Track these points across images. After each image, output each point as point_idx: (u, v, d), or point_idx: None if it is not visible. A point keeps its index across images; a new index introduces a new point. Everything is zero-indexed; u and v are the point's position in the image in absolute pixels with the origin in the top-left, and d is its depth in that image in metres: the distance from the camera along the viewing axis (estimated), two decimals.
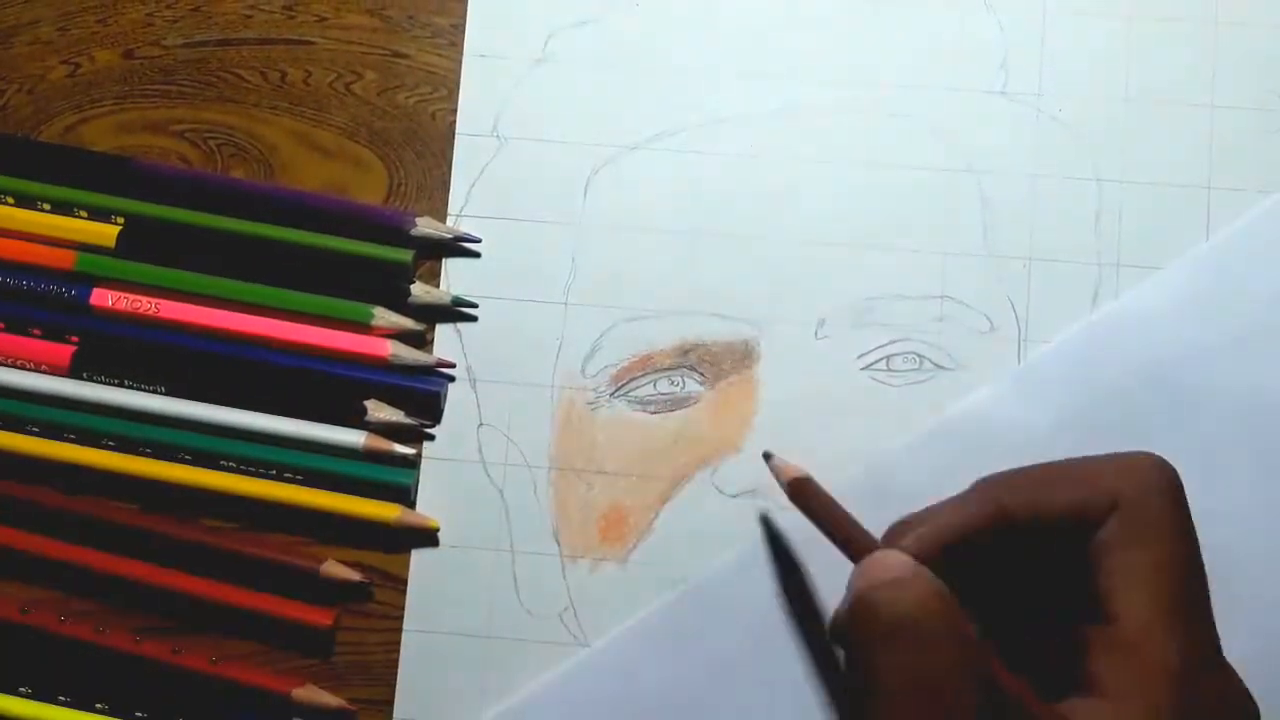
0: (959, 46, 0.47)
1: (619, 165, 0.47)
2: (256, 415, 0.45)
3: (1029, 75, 0.47)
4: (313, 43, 0.48)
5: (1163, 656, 0.31)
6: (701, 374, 0.45)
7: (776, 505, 0.44)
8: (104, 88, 0.49)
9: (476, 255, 0.47)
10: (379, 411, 0.45)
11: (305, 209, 0.47)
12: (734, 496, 0.44)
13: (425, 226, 0.46)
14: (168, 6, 0.49)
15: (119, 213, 0.47)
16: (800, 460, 0.43)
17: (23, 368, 0.46)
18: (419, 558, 0.45)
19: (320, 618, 0.44)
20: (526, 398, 0.46)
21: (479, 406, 0.46)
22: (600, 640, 0.44)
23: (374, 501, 0.44)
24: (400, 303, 0.46)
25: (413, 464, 0.45)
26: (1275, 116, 0.46)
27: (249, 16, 0.49)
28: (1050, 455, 0.38)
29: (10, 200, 0.48)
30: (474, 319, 0.46)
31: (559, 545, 0.45)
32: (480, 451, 0.45)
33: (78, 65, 0.49)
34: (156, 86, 0.49)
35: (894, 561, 0.34)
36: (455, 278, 0.46)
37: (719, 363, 0.45)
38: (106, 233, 0.47)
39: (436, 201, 0.47)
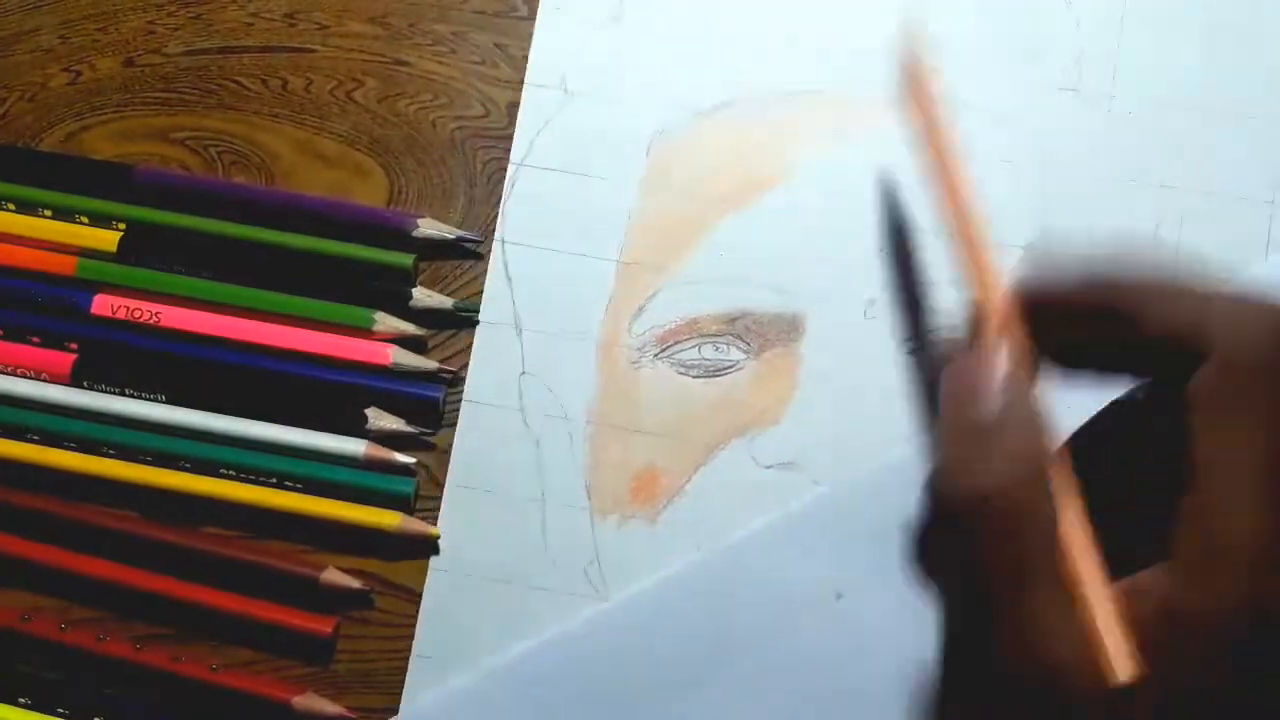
0: (1033, 40, 0.47)
1: (684, 129, 0.47)
2: (256, 424, 0.45)
3: (1102, 75, 0.46)
4: (314, 50, 0.48)
5: (1239, 536, 0.27)
6: (747, 343, 0.45)
7: (811, 481, 0.44)
8: (105, 96, 0.49)
9: (479, 256, 0.47)
10: (380, 420, 0.45)
11: (306, 212, 0.47)
12: (769, 468, 0.44)
13: (427, 227, 0.46)
14: (169, 15, 0.49)
15: (120, 218, 0.47)
16: (841, 437, 0.43)
17: (23, 376, 0.46)
18: (451, 498, 0.45)
19: (320, 626, 0.44)
20: (571, 350, 0.46)
21: (523, 355, 0.46)
22: (620, 595, 0.44)
23: (375, 509, 0.44)
24: (402, 307, 0.46)
25: (413, 472, 0.45)
26: None
27: (250, 24, 0.49)
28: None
29: (11, 207, 0.48)
30: (475, 322, 0.46)
31: (590, 500, 0.45)
32: (520, 399, 0.45)
33: (79, 73, 0.49)
34: (157, 94, 0.49)
35: (991, 394, 0.30)
36: (511, 228, 0.46)
37: (765, 333, 0.45)
38: (107, 238, 0.47)
39: (438, 209, 0.47)
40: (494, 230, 0.47)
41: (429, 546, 0.45)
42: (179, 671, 0.44)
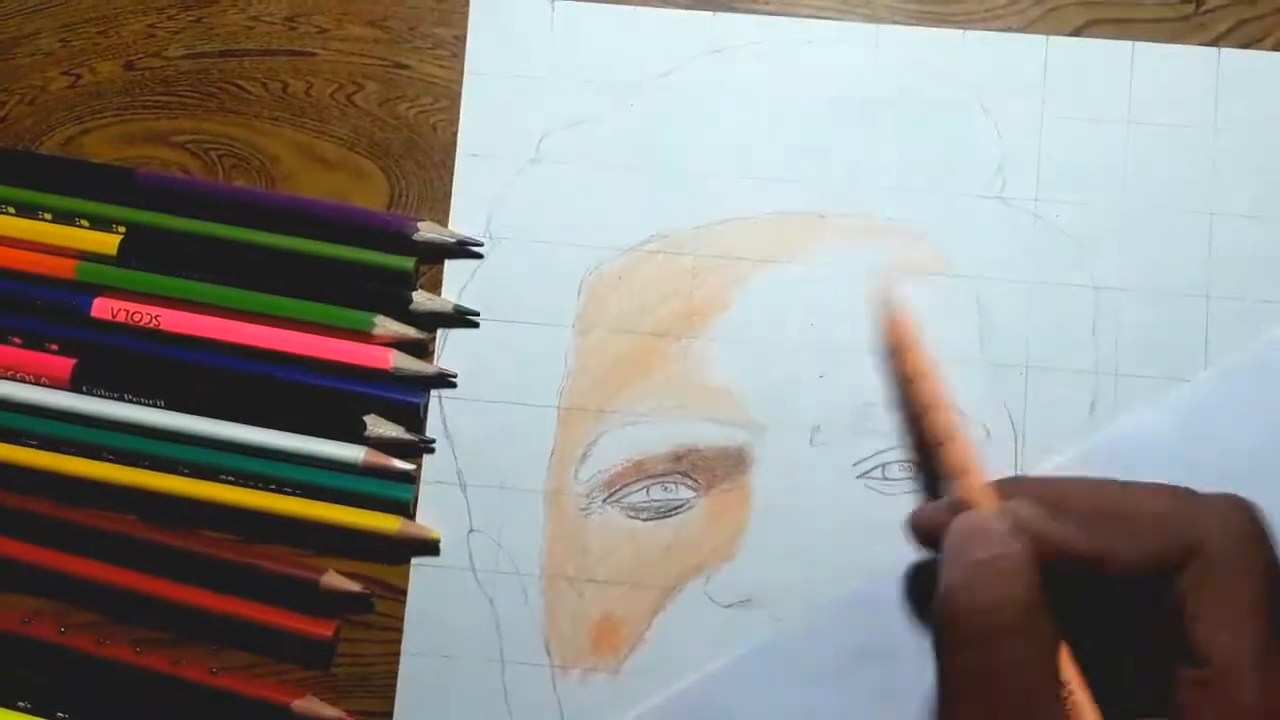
0: (956, 150, 0.46)
1: (614, 266, 0.46)
2: (256, 430, 0.45)
3: (1026, 180, 0.46)
4: (314, 54, 0.48)
5: (1253, 700, 0.31)
6: (695, 480, 0.45)
7: (771, 617, 0.43)
8: (105, 99, 0.49)
9: (481, 257, 0.46)
10: (378, 427, 0.45)
11: (306, 216, 0.47)
12: (727, 607, 0.44)
13: (428, 231, 0.46)
14: (169, 18, 0.49)
15: (120, 222, 0.47)
16: (797, 569, 0.43)
17: (23, 380, 0.46)
18: (408, 666, 0.44)
19: (320, 629, 0.44)
20: (517, 503, 0.45)
21: (469, 511, 0.45)
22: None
23: (375, 514, 0.44)
24: (402, 310, 0.46)
25: (412, 479, 0.45)
26: (1274, 225, 0.45)
27: (250, 28, 0.49)
28: None
29: (11, 210, 0.48)
30: (476, 325, 0.46)
31: (549, 655, 0.44)
32: (470, 558, 0.45)
33: (79, 76, 0.49)
34: (158, 98, 0.49)
35: (998, 538, 0.35)
36: (447, 387, 0.46)
37: (713, 469, 0.45)
38: (108, 241, 0.47)
39: (438, 212, 0.47)
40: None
41: (430, 549, 0.45)
42: (178, 675, 0.44)
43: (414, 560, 0.45)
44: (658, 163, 0.47)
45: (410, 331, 0.45)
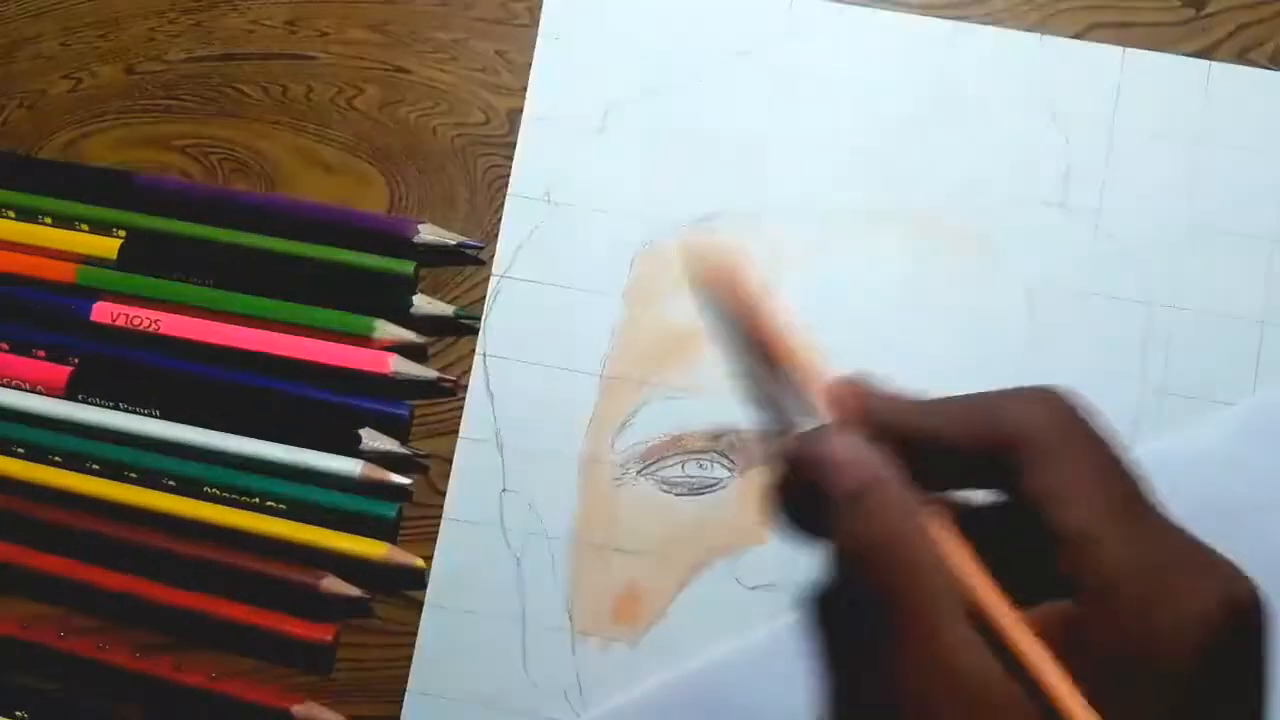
0: (1022, 155, 0.46)
1: (667, 242, 0.46)
2: (249, 441, 0.45)
3: (1090, 191, 0.45)
4: (314, 58, 0.48)
5: (1121, 556, 0.30)
6: (731, 461, 0.44)
7: (795, 603, 0.43)
8: (106, 103, 0.49)
9: (481, 262, 0.46)
10: (374, 440, 0.45)
11: (306, 219, 0.47)
12: (753, 589, 0.44)
13: (428, 233, 0.46)
14: (170, 22, 0.49)
15: (120, 226, 0.47)
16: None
17: (19, 388, 0.46)
18: (430, 618, 0.44)
19: (320, 634, 0.44)
20: (552, 467, 0.45)
21: (504, 471, 0.45)
22: (594, 713, 0.43)
23: (362, 539, 0.44)
24: (403, 314, 0.46)
25: (403, 495, 0.45)
26: None
27: (251, 32, 0.49)
28: None
29: (11, 214, 0.48)
30: (476, 330, 0.46)
31: (571, 620, 0.44)
32: (501, 517, 0.45)
33: (79, 80, 0.49)
34: (158, 101, 0.49)
35: (859, 457, 0.32)
36: (493, 341, 0.46)
37: (750, 451, 0.44)
38: (108, 245, 0.47)
39: (438, 216, 0.47)
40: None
41: (415, 577, 0.44)
42: (179, 680, 0.44)
43: (445, 515, 0.45)
44: (722, 142, 0.47)
45: (410, 335, 0.45)
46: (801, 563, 0.42)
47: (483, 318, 0.46)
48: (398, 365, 0.45)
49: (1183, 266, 0.45)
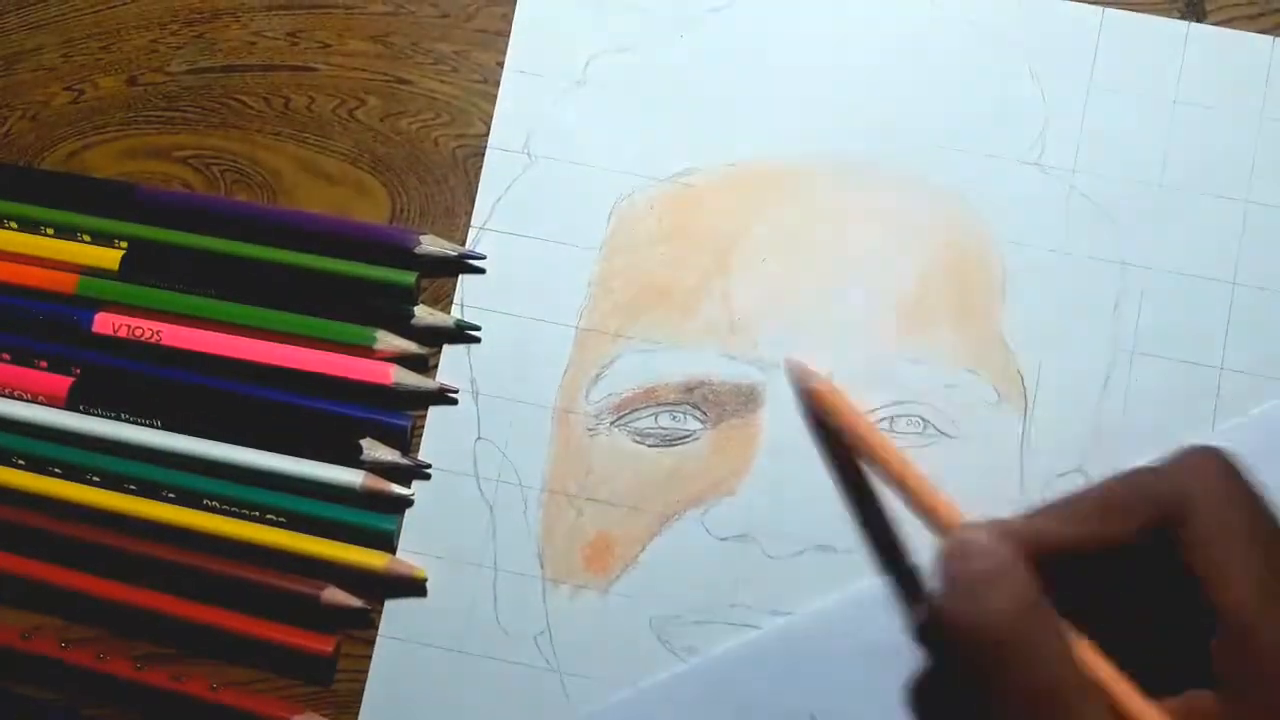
0: (999, 112, 0.46)
1: (647, 195, 0.47)
2: (250, 451, 0.45)
3: (1066, 149, 0.46)
4: (316, 69, 0.48)
5: (1273, 640, 0.30)
6: (704, 413, 0.45)
7: (764, 554, 0.43)
8: (107, 114, 0.49)
9: (483, 271, 0.47)
10: (374, 450, 0.45)
11: (308, 230, 0.47)
12: (723, 540, 0.44)
13: (430, 244, 0.46)
14: (171, 33, 0.49)
15: (122, 237, 0.47)
16: (796, 512, 0.43)
17: (20, 398, 0.46)
18: (404, 562, 0.44)
19: (321, 645, 0.44)
20: (527, 416, 0.45)
21: (479, 420, 0.45)
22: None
23: (363, 549, 0.44)
24: (404, 325, 0.46)
25: (404, 506, 0.45)
26: None
27: (252, 43, 0.49)
28: None
29: (13, 225, 0.48)
30: (477, 340, 0.46)
31: (542, 568, 0.44)
32: (475, 465, 0.45)
33: (81, 92, 0.49)
34: (160, 113, 0.49)
35: (985, 547, 0.33)
36: (469, 291, 0.46)
37: (723, 404, 0.45)
38: (109, 256, 0.47)
39: (439, 227, 0.47)
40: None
41: (416, 587, 0.45)
42: (179, 690, 0.44)
43: (419, 461, 0.45)
44: (701, 97, 0.47)
45: (411, 346, 0.46)
46: (769, 515, 0.43)
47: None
48: (399, 376, 0.45)
49: (1156, 227, 0.45)
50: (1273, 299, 0.45)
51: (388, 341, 0.45)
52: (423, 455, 0.45)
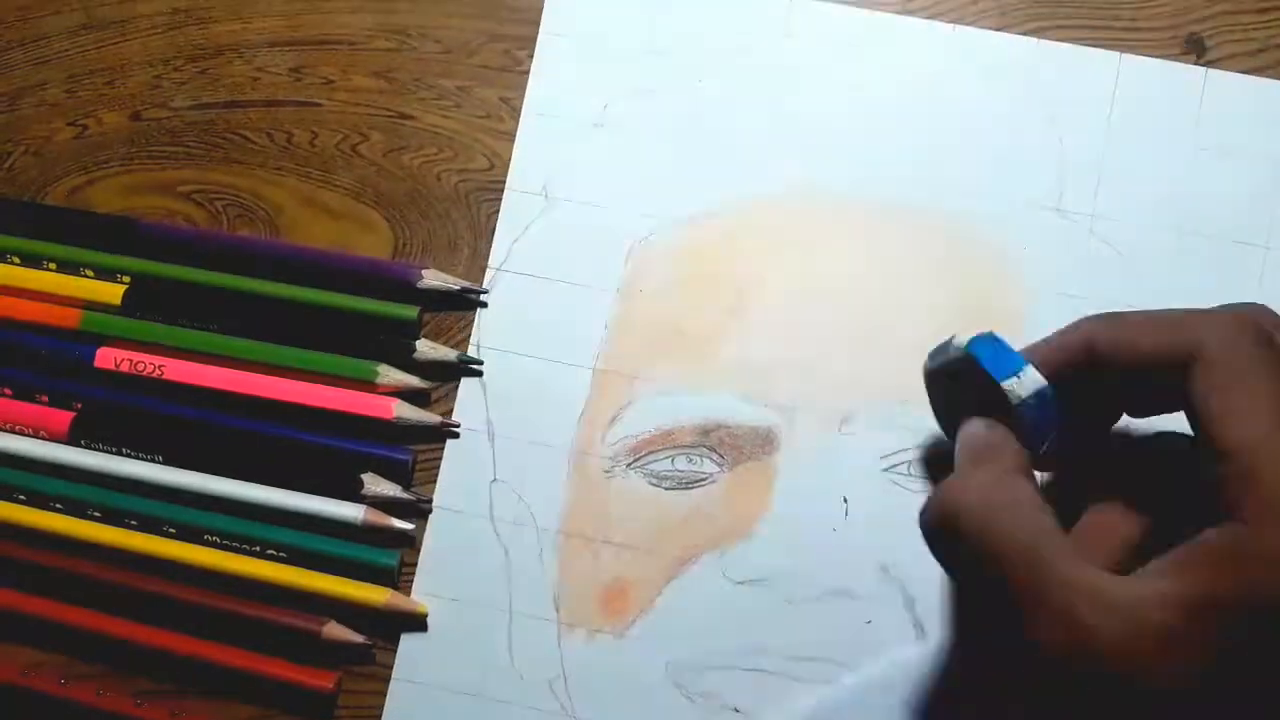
0: (1016, 156, 0.46)
1: (664, 237, 0.47)
2: (250, 486, 0.45)
3: (1085, 194, 0.46)
4: (319, 105, 0.49)
5: (1272, 477, 0.30)
6: (720, 456, 0.45)
7: (783, 599, 0.43)
8: (111, 149, 0.49)
9: (484, 305, 0.47)
10: (376, 485, 0.45)
11: (310, 264, 0.47)
12: (740, 584, 0.44)
13: (432, 278, 0.46)
14: (175, 69, 0.49)
15: (125, 271, 0.47)
16: (813, 555, 0.43)
17: (22, 433, 0.46)
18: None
19: (321, 681, 0.43)
20: (543, 458, 0.45)
21: (494, 462, 0.45)
22: None
23: (364, 585, 0.44)
24: (406, 360, 0.46)
25: (406, 541, 0.45)
26: None
27: (256, 79, 0.49)
28: None
29: (16, 260, 0.48)
30: (479, 374, 0.46)
31: (558, 611, 0.44)
32: (490, 507, 0.45)
33: (85, 127, 0.49)
34: (163, 148, 0.49)
35: (982, 429, 0.35)
36: (486, 333, 0.46)
37: (740, 446, 0.45)
38: (112, 291, 0.47)
39: (442, 261, 0.47)
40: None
41: (417, 622, 0.44)
42: None
43: (435, 504, 0.45)
44: (719, 140, 0.47)
45: (413, 380, 0.45)
46: (786, 559, 0.43)
47: (478, 308, 0.46)
48: (401, 410, 0.45)
49: (1175, 272, 0.45)
50: None
51: (389, 376, 0.45)
52: (437, 496, 0.45)
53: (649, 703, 0.43)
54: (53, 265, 0.48)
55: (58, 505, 0.46)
